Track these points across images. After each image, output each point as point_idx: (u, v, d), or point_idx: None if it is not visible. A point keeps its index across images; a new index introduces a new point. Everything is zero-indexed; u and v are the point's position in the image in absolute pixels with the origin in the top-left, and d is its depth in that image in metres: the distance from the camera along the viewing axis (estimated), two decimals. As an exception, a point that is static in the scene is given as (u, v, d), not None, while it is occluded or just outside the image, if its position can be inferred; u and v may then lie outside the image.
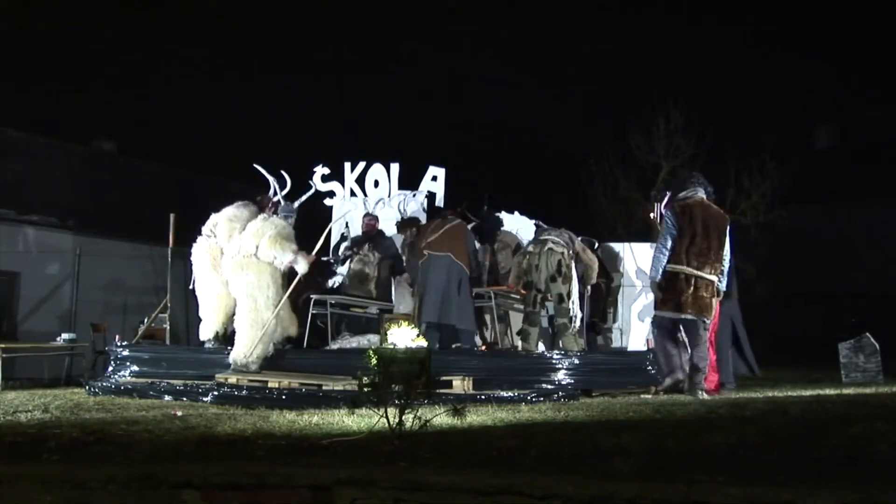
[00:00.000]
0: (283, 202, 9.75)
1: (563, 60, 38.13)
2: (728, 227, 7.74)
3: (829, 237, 21.83)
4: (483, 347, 9.19)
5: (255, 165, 9.93)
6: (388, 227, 10.68)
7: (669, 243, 7.47)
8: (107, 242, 15.95)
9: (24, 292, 15.20)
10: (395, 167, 11.40)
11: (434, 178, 11.33)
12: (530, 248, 8.82)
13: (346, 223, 11.11)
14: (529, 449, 4.23)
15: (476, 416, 5.72)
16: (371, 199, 11.36)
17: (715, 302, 7.62)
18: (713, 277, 7.49)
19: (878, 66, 32.23)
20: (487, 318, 9.88)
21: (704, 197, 7.74)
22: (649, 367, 8.20)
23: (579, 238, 9.28)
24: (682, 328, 7.78)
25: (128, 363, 9.60)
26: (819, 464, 3.70)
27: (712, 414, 5.66)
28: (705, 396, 7.32)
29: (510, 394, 7.61)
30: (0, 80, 30.43)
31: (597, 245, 10.02)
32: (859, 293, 21.12)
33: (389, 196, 11.29)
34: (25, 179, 16.31)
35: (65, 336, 12.53)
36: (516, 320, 9.76)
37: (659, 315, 7.71)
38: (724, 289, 7.70)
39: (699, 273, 7.40)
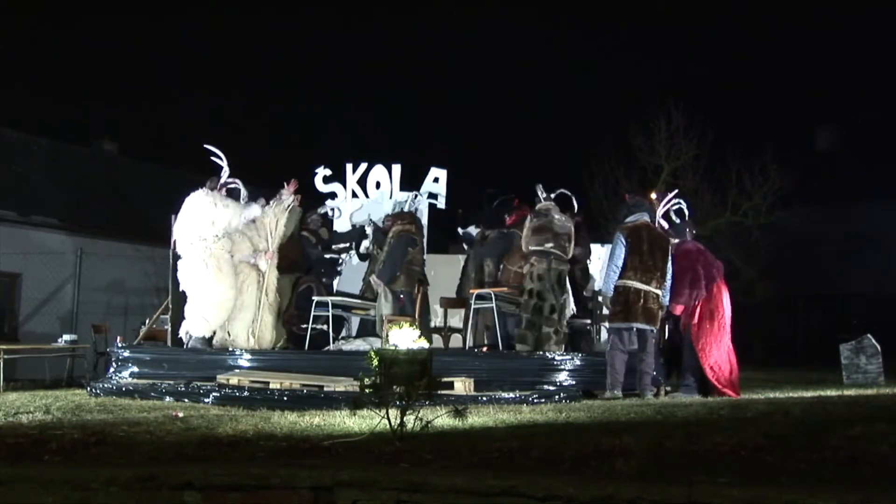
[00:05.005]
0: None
1: (563, 60, 38.17)
2: (670, 248, 8.35)
3: (831, 238, 21.76)
4: (484, 349, 9.18)
5: (207, 146, 9.88)
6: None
7: (620, 261, 8.03)
8: (108, 243, 15.97)
9: (25, 294, 15.23)
10: (396, 168, 11.38)
11: (436, 180, 11.29)
12: (533, 261, 8.77)
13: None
14: (531, 450, 4.23)
15: (477, 418, 5.71)
16: (372, 200, 11.34)
17: (660, 313, 8.19)
18: (658, 291, 8.09)
19: (879, 67, 32.24)
20: (488, 319, 9.84)
21: (649, 220, 8.33)
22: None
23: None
24: (635, 337, 8.20)
25: (129, 364, 9.61)
26: (820, 465, 3.70)
27: (713, 415, 5.65)
28: (651, 398, 7.73)
29: (512, 395, 7.61)
30: (1, 82, 30.50)
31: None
32: (860, 294, 21.10)
33: (391, 197, 11.26)
34: (27, 180, 16.34)
35: (66, 337, 12.55)
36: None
37: (613, 326, 8.12)
38: (666, 302, 8.22)
39: (647, 287, 8.01)
